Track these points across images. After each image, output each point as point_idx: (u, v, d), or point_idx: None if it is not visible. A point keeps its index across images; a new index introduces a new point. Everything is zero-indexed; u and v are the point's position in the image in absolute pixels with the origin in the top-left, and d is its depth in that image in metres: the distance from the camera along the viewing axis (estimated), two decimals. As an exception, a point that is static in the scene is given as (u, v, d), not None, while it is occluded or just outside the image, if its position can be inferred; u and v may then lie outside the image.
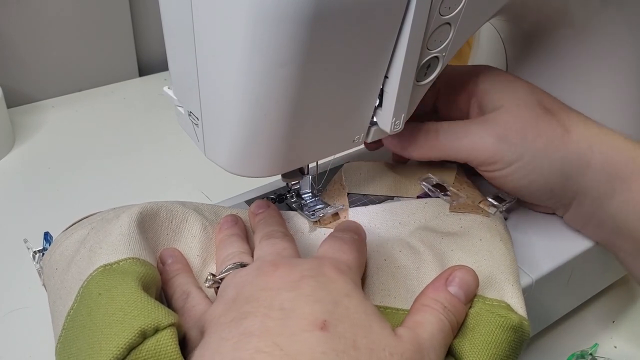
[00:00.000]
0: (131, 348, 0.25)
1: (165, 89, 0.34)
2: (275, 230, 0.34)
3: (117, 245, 0.30)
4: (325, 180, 0.43)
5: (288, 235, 0.34)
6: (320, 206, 0.39)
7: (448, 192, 0.40)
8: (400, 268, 0.35)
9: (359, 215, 0.39)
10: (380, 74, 0.30)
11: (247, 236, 0.36)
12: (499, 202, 0.39)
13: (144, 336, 0.26)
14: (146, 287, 0.29)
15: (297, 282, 0.27)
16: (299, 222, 0.39)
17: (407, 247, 0.36)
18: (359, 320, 0.25)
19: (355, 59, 0.28)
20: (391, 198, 0.42)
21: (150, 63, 0.86)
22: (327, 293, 0.26)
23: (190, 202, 0.38)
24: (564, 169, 0.35)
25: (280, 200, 0.41)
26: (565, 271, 0.40)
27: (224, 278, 0.30)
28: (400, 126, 0.33)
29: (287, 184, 0.40)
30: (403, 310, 0.32)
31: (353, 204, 0.41)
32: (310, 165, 0.39)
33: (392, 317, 0.32)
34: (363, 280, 0.34)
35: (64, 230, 0.34)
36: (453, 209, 0.38)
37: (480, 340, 0.29)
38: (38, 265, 0.34)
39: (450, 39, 0.31)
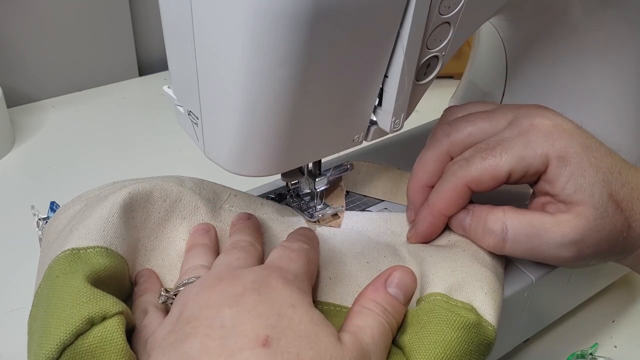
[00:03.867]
0: (78, 334, 0.26)
1: (165, 88, 0.34)
2: (240, 239, 0.33)
3: (91, 230, 0.31)
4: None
5: (254, 245, 0.33)
6: (319, 207, 0.39)
7: None
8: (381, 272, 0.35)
9: (354, 218, 0.40)
10: (379, 73, 0.30)
11: (217, 246, 0.35)
12: None
13: (91, 323, 0.26)
14: (107, 279, 0.29)
15: (239, 297, 0.26)
16: (296, 221, 0.39)
17: (392, 254, 0.36)
18: (304, 331, 0.25)
19: (354, 58, 0.28)
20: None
21: (150, 63, 0.86)
22: (270, 306, 0.25)
23: (190, 178, 0.37)
24: (614, 256, 0.35)
25: (280, 199, 0.41)
26: (565, 271, 0.40)
27: (177, 294, 0.30)
28: (400, 125, 0.33)
29: (287, 183, 0.40)
30: None
31: (352, 203, 0.41)
32: (310, 165, 0.39)
33: None
34: (341, 280, 0.34)
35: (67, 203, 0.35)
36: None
37: (428, 337, 0.29)
38: (40, 232, 0.35)
39: (450, 38, 0.31)
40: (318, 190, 0.39)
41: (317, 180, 0.38)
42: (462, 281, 0.32)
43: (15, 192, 0.60)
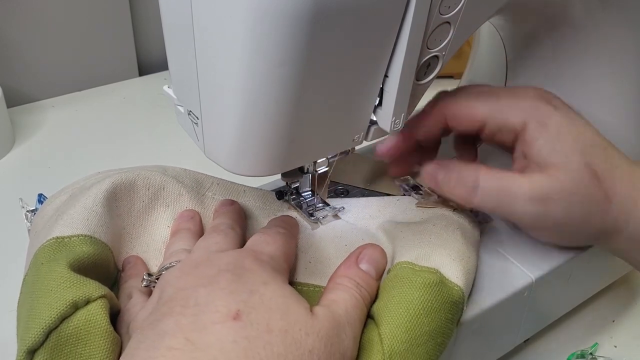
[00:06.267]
0: (63, 318, 0.26)
1: (165, 88, 0.34)
2: (220, 223, 0.34)
3: (75, 219, 0.31)
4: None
5: (234, 227, 0.34)
6: (319, 205, 0.39)
7: (421, 192, 0.41)
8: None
9: (336, 204, 0.41)
10: (380, 73, 0.30)
11: (201, 231, 0.36)
12: None
13: (75, 307, 0.27)
14: (92, 265, 0.30)
15: (213, 277, 0.27)
16: (279, 208, 0.39)
17: (369, 237, 0.37)
18: (275, 305, 0.26)
19: (354, 58, 0.28)
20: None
21: (150, 63, 0.86)
22: (243, 284, 0.26)
23: (173, 167, 0.38)
24: (595, 232, 0.35)
25: (280, 197, 0.41)
26: (565, 271, 0.40)
27: (159, 277, 0.31)
28: (400, 125, 0.33)
29: (287, 182, 0.40)
30: None
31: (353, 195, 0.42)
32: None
33: None
34: (320, 262, 0.35)
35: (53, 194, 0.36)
36: (419, 205, 0.39)
37: (392, 300, 0.29)
38: (29, 224, 0.35)
39: (450, 38, 0.31)
40: (319, 172, 0.39)
41: (318, 161, 0.39)
42: (429, 250, 0.33)
43: (15, 192, 0.60)
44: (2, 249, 0.53)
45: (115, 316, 0.30)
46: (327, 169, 0.39)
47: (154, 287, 0.31)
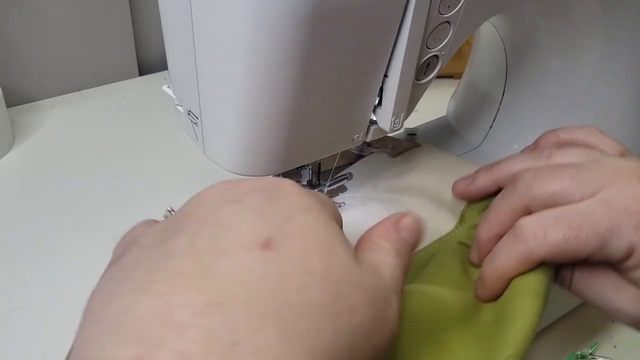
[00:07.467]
0: None
1: (165, 88, 0.34)
2: None
3: None
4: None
5: None
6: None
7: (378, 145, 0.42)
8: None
9: (353, 213, 0.40)
10: (380, 73, 0.30)
11: None
12: None
13: None
14: None
15: (243, 194, 0.21)
16: None
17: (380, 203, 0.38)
18: (318, 240, 0.20)
19: (355, 57, 0.28)
20: None
21: (150, 63, 0.86)
22: (280, 207, 0.21)
23: None
24: None
25: None
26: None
27: None
28: (400, 125, 0.33)
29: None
30: None
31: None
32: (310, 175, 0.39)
33: None
34: None
35: None
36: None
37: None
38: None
39: (450, 38, 0.31)
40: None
41: (316, 190, 0.39)
42: None
43: (15, 192, 0.60)
44: (2, 248, 0.53)
45: None
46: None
47: None
